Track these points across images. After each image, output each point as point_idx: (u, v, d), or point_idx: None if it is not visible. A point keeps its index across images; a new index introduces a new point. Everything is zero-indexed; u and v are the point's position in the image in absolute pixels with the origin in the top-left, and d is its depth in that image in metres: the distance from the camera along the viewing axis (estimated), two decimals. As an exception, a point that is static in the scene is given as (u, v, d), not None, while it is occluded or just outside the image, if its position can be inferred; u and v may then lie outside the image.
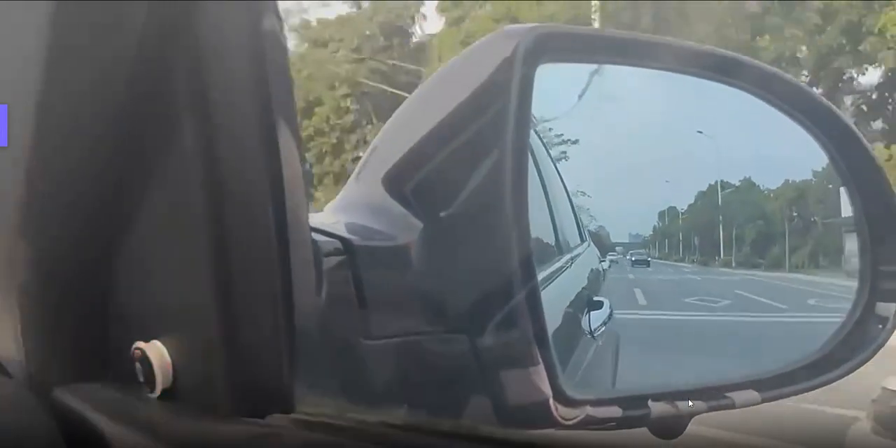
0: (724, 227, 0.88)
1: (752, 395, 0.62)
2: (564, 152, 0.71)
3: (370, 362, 0.54)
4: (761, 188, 0.84)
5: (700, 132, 0.76)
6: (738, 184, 0.83)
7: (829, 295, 0.70)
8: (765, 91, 0.70)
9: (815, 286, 0.76)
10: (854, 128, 0.74)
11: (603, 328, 0.80)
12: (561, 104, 0.68)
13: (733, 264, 0.89)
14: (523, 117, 0.56)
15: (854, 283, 0.68)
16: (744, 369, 0.69)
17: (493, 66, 0.57)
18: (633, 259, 0.85)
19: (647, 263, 0.89)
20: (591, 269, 0.85)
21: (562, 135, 0.70)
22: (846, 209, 0.72)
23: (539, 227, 0.68)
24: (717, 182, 0.84)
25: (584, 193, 0.77)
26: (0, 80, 0.50)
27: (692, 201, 0.85)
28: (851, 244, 0.64)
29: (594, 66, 0.66)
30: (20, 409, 0.47)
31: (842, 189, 0.75)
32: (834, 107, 0.74)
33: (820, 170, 0.76)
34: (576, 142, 0.71)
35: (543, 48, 0.58)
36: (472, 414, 0.55)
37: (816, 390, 0.67)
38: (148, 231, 0.48)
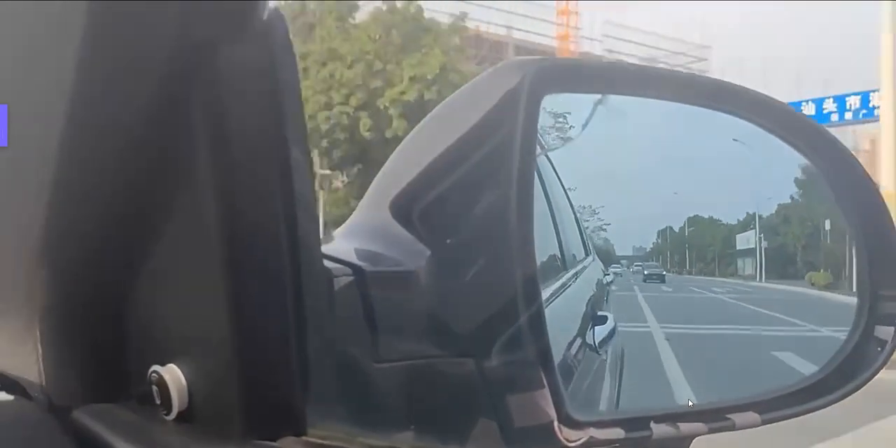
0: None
1: (753, 416, 0.64)
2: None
3: (380, 385, 0.55)
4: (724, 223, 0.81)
5: (734, 139, 0.73)
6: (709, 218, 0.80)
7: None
8: (758, 116, 0.72)
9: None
10: (847, 149, 0.76)
11: (608, 343, 0.81)
12: (566, 132, 0.69)
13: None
14: (529, 146, 0.58)
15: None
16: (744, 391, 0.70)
17: (499, 96, 0.59)
18: (647, 273, 0.82)
19: (663, 278, 0.83)
20: (596, 283, 0.86)
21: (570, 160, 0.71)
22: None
23: (544, 243, 0.69)
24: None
25: (590, 208, 0.77)
26: (17, 91, 0.52)
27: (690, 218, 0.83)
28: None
29: (598, 96, 0.68)
30: (41, 431, 0.48)
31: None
32: (826, 129, 0.76)
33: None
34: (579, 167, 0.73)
35: (548, 79, 0.60)
36: (479, 436, 0.56)
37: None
38: (164, 257, 0.50)
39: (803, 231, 0.71)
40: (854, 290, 0.70)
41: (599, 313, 0.85)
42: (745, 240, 0.70)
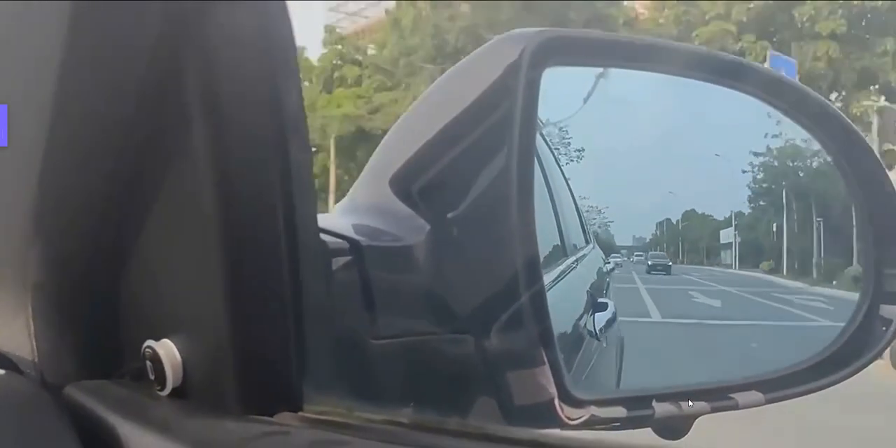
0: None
1: (756, 396, 0.63)
2: (573, 154, 0.71)
3: (377, 362, 0.54)
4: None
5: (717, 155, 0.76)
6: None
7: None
8: (768, 95, 0.71)
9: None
10: (857, 131, 0.75)
11: (607, 330, 0.80)
12: (567, 107, 0.68)
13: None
14: (529, 120, 0.57)
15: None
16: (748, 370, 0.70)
17: (499, 69, 0.58)
18: (651, 263, 0.81)
19: (668, 270, 0.82)
20: (596, 271, 0.85)
21: (569, 138, 0.70)
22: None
23: (544, 229, 0.69)
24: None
25: (586, 198, 0.77)
26: (7, 80, 0.51)
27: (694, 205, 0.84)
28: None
29: (600, 70, 0.67)
30: (34, 406, 0.47)
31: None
32: (837, 110, 0.74)
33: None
34: (581, 148, 0.71)
35: (549, 52, 0.59)
36: (479, 414, 0.56)
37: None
38: (159, 231, 0.49)
39: (769, 229, 0.75)
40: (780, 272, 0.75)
41: (600, 300, 0.84)
42: (728, 235, 0.74)
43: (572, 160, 0.70)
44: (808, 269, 0.69)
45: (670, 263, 0.83)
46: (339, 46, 24.57)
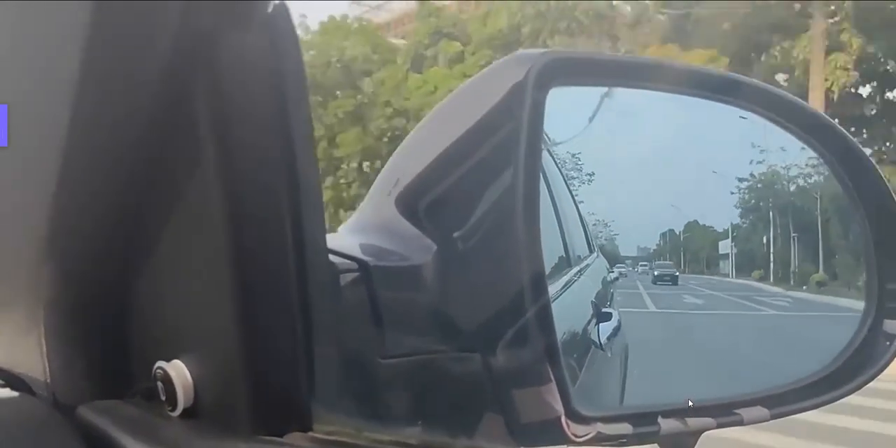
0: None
1: (761, 411, 0.63)
2: (584, 177, 0.73)
3: (385, 381, 0.55)
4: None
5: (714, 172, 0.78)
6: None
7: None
8: (766, 109, 0.72)
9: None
10: (856, 143, 0.75)
11: (612, 339, 0.81)
12: (573, 126, 0.69)
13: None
14: (534, 141, 0.57)
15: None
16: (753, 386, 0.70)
17: (505, 90, 0.58)
18: (657, 273, 0.81)
19: (675, 280, 0.81)
20: (600, 281, 0.85)
21: (581, 164, 0.72)
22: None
23: (548, 240, 0.69)
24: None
25: (594, 214, 0.78)
26: (19, 98, 0.52)
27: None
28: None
29: (605, 89, 0.68)
30: (47, 428, 0.48)
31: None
32: (835, 123, 0.75)
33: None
34: (591, 173, 0.72)
35: (554, 72, 0.59)
36: (486, 432, 0.56)
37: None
38: (169, 252, 0.49)
39: (760, 241, 0.82)
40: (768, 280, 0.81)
41: (604, 310, 0.84)
42: (725, 246, 0.80)
43: (584, 183, 0.71)
44: (788, 276, 0.78)
45: (677, 273, 0.83)
46: (434, 19, 21.41)
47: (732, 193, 0.78)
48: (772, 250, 0.79)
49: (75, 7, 0.44)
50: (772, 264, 0.80)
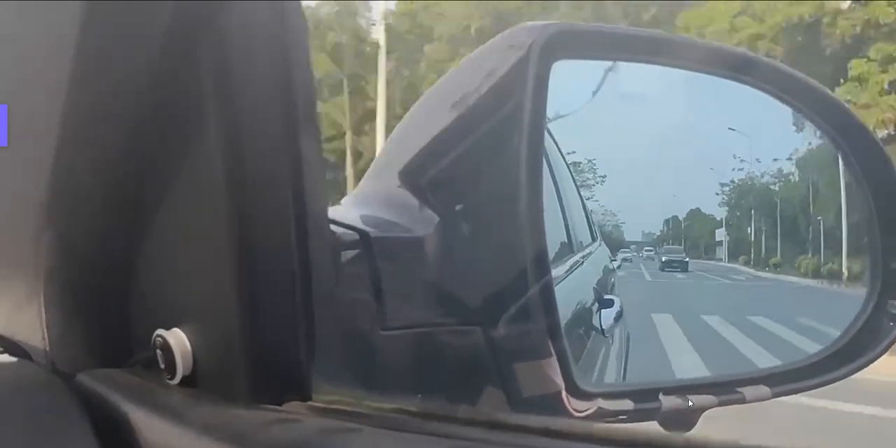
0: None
1: (763, 390, 0.63)
2: (597, 179, 0.73)
3: (386, 353, 0.54)
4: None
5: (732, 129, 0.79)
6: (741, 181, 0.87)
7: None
8: (777, 89, 0.71)
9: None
10: (864, 124, 0.75)
11: (614, 326, 0.81)
12: (576, 101, 0.68)
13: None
14: (538, 113, 0.57)
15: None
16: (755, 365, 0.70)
17: (508, 63, 0.58)
18: (665, 260, 0.80)
19: (685, 266, 0.83)
20: (602, 268, 0.85)
21: (595, 168, 0.72)
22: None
23: (551, 226, 0.69)
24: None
25: (593, 190, 0.78)
26: (18, 71, 0.52)
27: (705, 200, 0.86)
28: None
29: (609, 63, 0.67)
30: (47, 392, 0.48)
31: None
32: (844, 103, 0.74)
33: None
34: (604, 175, 0.73)
35: (558, 45, 0.59)
36: (487, 405, 0.56)
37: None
38: (170, 221, 0.49)
39: (747, 231, 0.89)
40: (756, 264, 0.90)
41: (606, 297, 0.84)
42: (720, 234, 0.87)
43: (597, 183, 0.72)
44: (760, 261, 0.87)
45: (687, 259, 0.84)
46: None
47: (723, 185, 0.83)
48: (752, 239, 0.87)
49: None
50: (752, 251, 0.88)
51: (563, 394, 0.55)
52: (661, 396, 0.59)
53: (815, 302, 0.84)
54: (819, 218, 0.83)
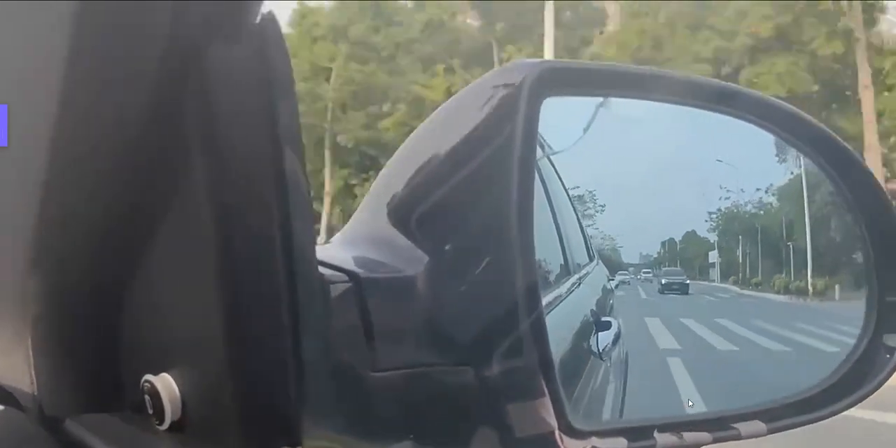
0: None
1: (759, 425, 0.63)
2: (597, 207, 0.75)
3: (377, 394, 0.54)
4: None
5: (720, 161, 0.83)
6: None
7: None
8: (763, 119, 0.71)
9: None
10: (853, 152, 0.75)
11: (612, 349, 0.80)
12: (567, 136, 0.69)
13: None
14: (528, 151, 0.57)
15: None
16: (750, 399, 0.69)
17: (498, 100, 0.58)
18: (664, 282, 0.81)
19: (686, 289, 0.84)
20: (600, 289, 0.85)
21: (596, 198, 0.73)
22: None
23: (546, 247, 0.69)
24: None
25: (594, 219, 0.78)
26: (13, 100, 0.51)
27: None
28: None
29: (599, 99, 0.67)
30: (33, 442, 0.47)
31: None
32: (831, 132, 0.75)
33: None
34: (603, 205, 0.74)
35: (548, 82, 0.59)
36: (479, 446, 0.55)
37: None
38: (157, 265, 0.49)
39: (735, 254, 0.93)
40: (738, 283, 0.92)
41: (603, 319, 0.84)
42: (713, 256, 0.89)
43: (598, 212, 0.73)
44: (746, 281, 0.91)
45: (688, 281, 0.84)
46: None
47: (711, 213, 0.86)
48: (740, 261, 0.91)
49: (57, 26, 0.43)
50: (740, 272, 0.91)
51: (557, 433, 0.54)
52: (655, 434, 0.58)
53: (776, 311, 0.89)
54: (790, 243, 0.90)
